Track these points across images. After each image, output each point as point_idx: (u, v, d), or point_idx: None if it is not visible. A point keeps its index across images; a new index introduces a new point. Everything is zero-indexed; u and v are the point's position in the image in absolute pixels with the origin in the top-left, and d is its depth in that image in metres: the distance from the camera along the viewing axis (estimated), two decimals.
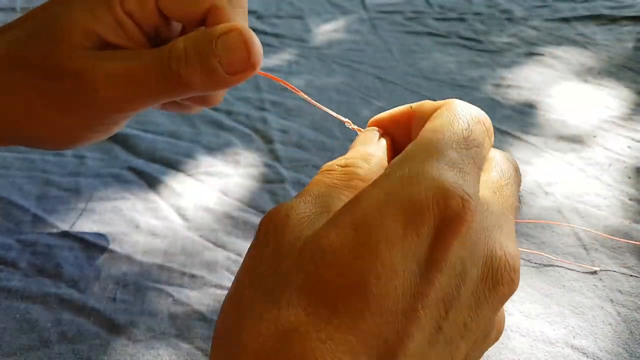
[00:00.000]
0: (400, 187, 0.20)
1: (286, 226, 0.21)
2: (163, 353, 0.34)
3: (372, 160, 0.26)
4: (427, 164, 0.21)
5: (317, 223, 0.21)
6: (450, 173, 0.21)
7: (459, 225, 0.20)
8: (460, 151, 0.22)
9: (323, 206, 0.23)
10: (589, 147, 0.58)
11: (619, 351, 0.36)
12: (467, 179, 0.21)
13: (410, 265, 0.19)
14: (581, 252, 0.44)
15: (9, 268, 0.39)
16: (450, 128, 0.23)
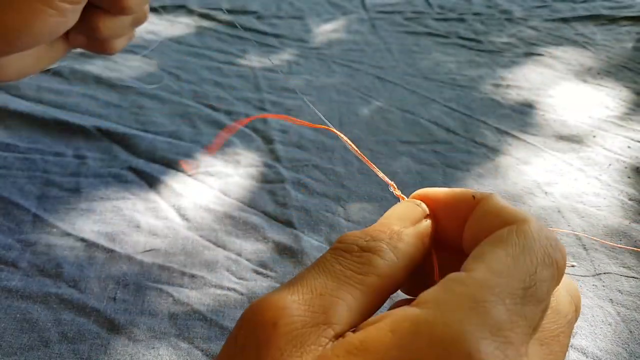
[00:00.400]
0: (426, 353, 0.16)
1: (269, 341, 0.18)
2: (163, 353, 0.34)
3: (400, 250, 0.21)
4: (466, 326, 0.17)
5: (309, 347, 0.18)
6: (489, 347, 0.17)
7: None
8: (514, 308, 0.18)
9: (322, 312, 0.19)
10: (588, 147, 0.58)
11: (619, 351, 0.36)
12: (508, 354, 0.17)
13: None
14: (581, 252, 0.44)
15: (10, 268, 0.39)
16: (511, 270, 0.19)
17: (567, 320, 0.20)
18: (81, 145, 0.54)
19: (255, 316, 0.18)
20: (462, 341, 0.16)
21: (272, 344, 0.18)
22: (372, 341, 0.17)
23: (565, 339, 0.20)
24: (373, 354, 0.17)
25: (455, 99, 0.68)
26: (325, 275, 0.20)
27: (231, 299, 0.38)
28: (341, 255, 0.20)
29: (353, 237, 0.21)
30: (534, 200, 0.50)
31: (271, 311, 0.18)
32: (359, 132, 0.60)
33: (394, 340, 0.17)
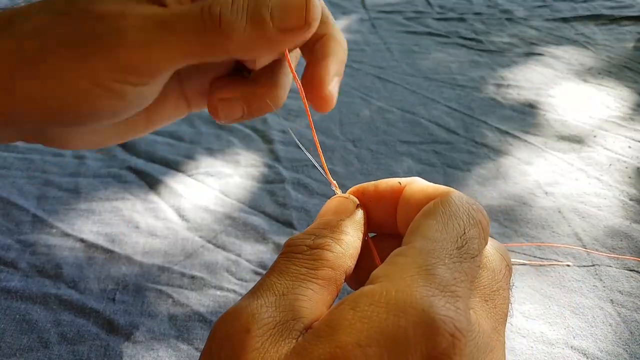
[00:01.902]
0: (385, 318, 0.18)
1: (245, 346, 0.19)
2: (163, 354, 0.34)
3: (344, 241, 0.23)
4: (416, 288, 0.18)
5: (282, 342, 0.19)
6: (440, 302, 0.18)
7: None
8: (453, 266, 0.20)
9: (288, 310, 0.20)
10: (589, 147, 0.58)
11: (619, 352, 0.36)
12: (459, 307, 0.19)
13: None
14: (581, 252, 0.44)
15: (9, 268, 0.39)
16: (444, 234, 0.21)
17: (503, 275, 0.22)
18: None
19: (227, 326, 0.19)
20: (415, 301, 0.18)
21: (249, 347, 0.19)
22: (336, 321, 0.18)
23: (505, 292, 0.22)
24: (339, 331, 0.18)
25: (456, 98, 0.68)
26: (283, 277, 0.21)
27: (231, 300, 0.38)
28: (293, 257, 0.22)
29: (300, 239, 0.23)
30: (534, 201, 0.50)
31: (242, 319, 0.19)
32: (359, 132, 0.60)
33: (355, 315, 0.18)
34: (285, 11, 0.25)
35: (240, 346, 0.19)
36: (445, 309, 0.18)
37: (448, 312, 0.18)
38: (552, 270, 0.42)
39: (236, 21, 0.24)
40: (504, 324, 0.21)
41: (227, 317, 0.20)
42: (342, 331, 0.18)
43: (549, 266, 0.42)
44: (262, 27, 0.24)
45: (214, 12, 0.24)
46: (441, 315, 0.18)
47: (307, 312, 0.20)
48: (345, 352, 0.17)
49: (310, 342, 0.18)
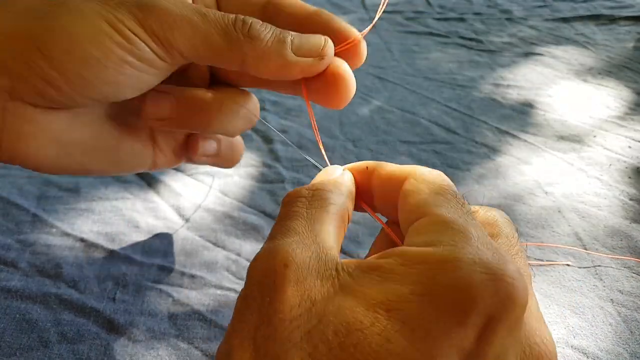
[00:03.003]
0: (442, 272, 0.18)
1: (286, 280, 0.19)
2: (163, 353, 0.34)
3: (340, 186, 0.25)
4: (462, 245, 0.19)
5: (323, 275, 0.19)
6: (489, 253, 0.19)
7: (511, 310, 0.18)
8: (472, 221, 0.21)
9: (316, 243, 0.21)
10: (589, 147, 0.58)
11: (619, 351, 0.36)
12: (504, 255, 0.19)
13: (453, 356, 0.17)
14: (581, 252, 0.44)
15: (9, 268, 0.39)
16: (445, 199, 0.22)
17: (516, 239, 0.24)
18: None
19: (264, 265, 0.20)
20: (466, 255, 0.19)
21: (291, 281, 0.19)
22: (386, 271, 0.19)
23: (523, 253, 0.24)
24: (391, 280, 0.19)
25: (456, 98, 0.68)
26: (296, 219, 0.22)
27: (231, 299, 0.38)
28: (297, 201, 0.23)
29: (297, 191, 0.24)
30: (534, 200, 0.50)
31: (278, 255, 0.20)
32: (359, 132, 0.60)
33: (407, 270, 0.19)
34: (305, 42, 0.27)
35: (282, 281, 0.19)
36: (495, 257, 0.19)
37: (500, 259, 0.19)
38: (552, 270, 0.42)
39: (262, 33, 0.26)
40: (530, 282, 0.23)
41: (262, 257, 0.20)
42: (396, 280, 0.19)
43: (549, 266, 0.42)
44: (282, 46, 0.26)
45: (246, 20, 0.26)
46: (494, 262, 0.19)
47: (332, 245, 0.21)
48: (402, 299, 0.18)
49: (364, 285, 0.19)
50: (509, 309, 0.18)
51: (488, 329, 0.18)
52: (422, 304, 0.18)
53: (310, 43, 0.27)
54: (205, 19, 0.25)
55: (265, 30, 0.26)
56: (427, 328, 0.17)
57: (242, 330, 0.19)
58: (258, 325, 0.19)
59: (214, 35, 0.25)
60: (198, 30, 0.25)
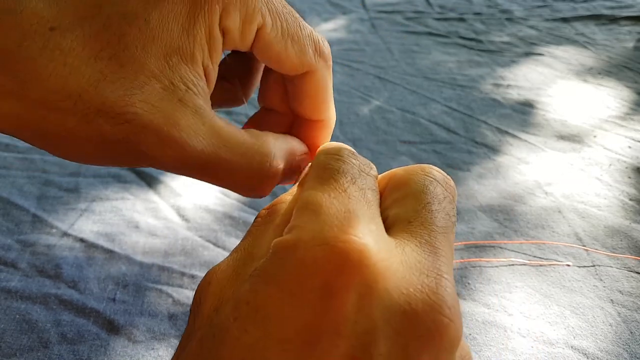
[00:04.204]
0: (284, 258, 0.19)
1: (208, 292, 0.20)
2: (163, 354, 0.34)
3: None
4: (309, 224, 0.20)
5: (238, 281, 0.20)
6: (335, 224, 0.19)
7: (349, 275, 0.18)
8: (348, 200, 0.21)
9: (249, 256, 0.21)
10: (589, 147, 0.58)
11: (619, 352, 0.36)
12: (351, 222, 0.20)
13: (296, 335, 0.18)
14: (581, 252, 0.44)
15: (9, 268, 0.39)
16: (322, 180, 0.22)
17: (429, 192, 0.22)
18: None
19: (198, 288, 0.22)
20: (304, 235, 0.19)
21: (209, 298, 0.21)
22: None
23: (436, 205, 0.22)
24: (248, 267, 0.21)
25: (456, 98, 0.68)
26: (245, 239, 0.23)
27: None
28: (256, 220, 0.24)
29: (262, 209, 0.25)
30: (534, 200, 0.50)
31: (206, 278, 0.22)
32: (359, 132, 0.60)
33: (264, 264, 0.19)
34: (292, 175, 0.28)
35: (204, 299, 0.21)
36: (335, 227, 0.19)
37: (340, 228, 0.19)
38: (552, 270, 0.42)
39: (266, 189, 0.26)
40: (438, 236, 0.21)
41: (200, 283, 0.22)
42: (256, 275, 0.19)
43: (549, 266, 0.42)
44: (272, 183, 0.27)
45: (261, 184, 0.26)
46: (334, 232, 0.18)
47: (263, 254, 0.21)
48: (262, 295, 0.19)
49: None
50: (345, 272, 0.17)
51: (334, 298, 0.17)
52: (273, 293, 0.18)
53: (296, 176, 0.28)
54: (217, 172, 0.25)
55: (271, 185, 0.26)
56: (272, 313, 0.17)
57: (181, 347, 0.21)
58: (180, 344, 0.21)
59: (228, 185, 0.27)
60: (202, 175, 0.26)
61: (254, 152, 0.25)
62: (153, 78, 0.22)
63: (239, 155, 0.24)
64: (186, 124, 0.23)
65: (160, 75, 0.22)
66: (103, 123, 0.22)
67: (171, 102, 0.22)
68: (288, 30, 0.26)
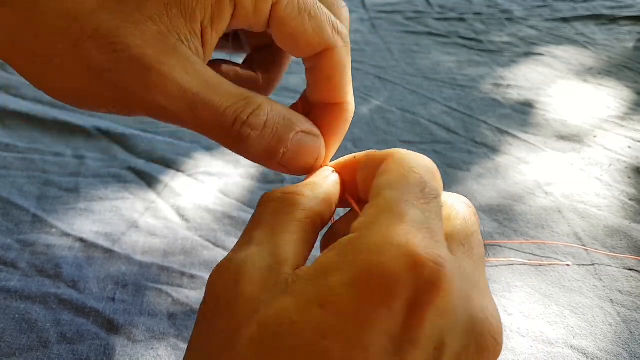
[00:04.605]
0: (368, 258, 0.18)
1: (238, 295, 0.20)
2: (162, 353, 0.34)
3: (317, 189, 0.24)
4: (393, 228, 0.19)
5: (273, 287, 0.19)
6: (419, 236, 0.19)
7: (435, 295, 0.18)
8: (422, 206, 0.21)
9: (271, 257, 0.21)
10: (589, 147, 0.58)
11: (619, 351, 0.36)
12: (438, 240, 0.20)
13: (384, 343, 0.18)
14: (581, 252, 0.44)
15: (9, 268, 0.39)
16: (405, 182, 0.22)
17: (473, 221, 0.24)
18: (80, 145, 0.54)
19: (218, 281, 0.21)
20: (393, 239, 0.19)
21: (242, 296, 0.19)
22: (323, 265, 0.19)
23: (478, 237, 0.23)
24: (327, 274, 0.19)
25: (456, 98, 0.68)
26: (261, 228, 0.22)
27: None
28: (267, 205, 0.23)
29: (269, 194, 0.24)
30: (534, 200, 0.50)
31: (229, 272, 0.20)
32: (359, 132, 0.60)
33: (339, 259, 0.19)
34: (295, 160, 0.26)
35: (235, 297, 0.20)
36: (424, 241, 0.19)
37: (428, 244, 0.19)
38: (552, 269, 0.42)
39: (256, 146, 0.25)
40: (483, 264, 0.23)
41: (216, 273, 0.21)
42: (330, 274, 0.19)
43: (549, 266, 0.42)
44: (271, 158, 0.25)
45: (243, 133, 0.24)
46: (421, 246, 0.19)
47: (289, 256, 0.21)
48: (334, 292, 0.18)
49: (302, 285, 0.19)
50: (432, 293, 0.18)
51: (414, 313, 0.18)
52: (351, 294, 0.18)
53: (298, 164, 0.26)
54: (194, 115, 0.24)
55: (259, 143, 0.25)
56: (358, 318, 0.18)
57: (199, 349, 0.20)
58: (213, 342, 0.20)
59: (197, 128, 0.25)
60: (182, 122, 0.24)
61: (238, 97, 0.24)
62: (149, 20, 0.22)
63: (224, 97, 0.24)
64: (174, 64, 0.23)
65: (157, 19, 0.23)
66: (92, 49, 0.22)
67: (162, 44, 0.23)
68: (305, 7, 0.25)
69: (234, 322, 0.19)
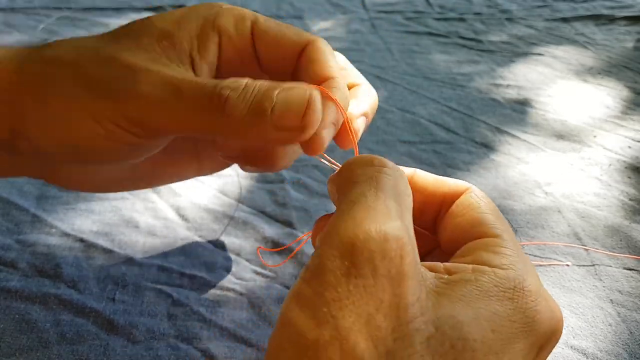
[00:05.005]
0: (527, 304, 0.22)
1: (406, 277, 0.19)
2: (162, 353, 0.34)
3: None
4: (529, 276, 0.24)
5: (420, 277, 0.20)
6: (538, 283, 0.25)
7: (554, 343, 0.24)
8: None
9: (411, 237, 0.21)
10: (588, 147, 0.58)
11: (619, 351, 0.36)
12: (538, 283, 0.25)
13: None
14: (581, 252, 0.44)
15: (9, 268, 0.39)
16: (506, 226, 0.26)
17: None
18: None
19: (382, 249, 0.19)
20: (534, 287, 0.23)
21: (408, 277, 0.19)
22: (481, 284, 0.21)
23: None
24: (487, 291, 0.21)
25: (456, 98, 0.68)
26: (391, 200, 0.22)
27: (230, 299, 0.38)
28: (385, 175, 0.23)
29: (380, 160, 0.24)
30: (534, 200, 0.50)
31: (395, 244, 0.20)
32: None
33: (499, 291, 0.21)
34: (285, 110, 0.25)
35: (402, 275, 0.19)
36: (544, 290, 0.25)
37: (547, 295, 0.25)
38: (552, 269, 0.42)
39: (239, 108, 0.25)
40: None
41: (378, 239, 0.20)
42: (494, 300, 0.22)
43: (549, 266, 0.42)
44: (260, 121, 0.25)
45: (222, 94, 0.25)
46: (551, 300, 0.25)
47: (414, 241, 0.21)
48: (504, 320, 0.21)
49: (464, 298, 0.21)
50: (553, 340, 0.24)
51: (539, 355, 0.22)
52: (519, 330, 0.21)
53: (291, 112, 0.25)
54: (180, 98, 0.25)
55: (242, 103, 0.25)
56: (521, 351, 0.20)
57: (351, 313, 0.18)
58: (373, 314, 0.18)
59: (188, 114, 0.26)
60: (172, 112, 0.26)
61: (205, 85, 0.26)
62: (143, 49, 0.27)
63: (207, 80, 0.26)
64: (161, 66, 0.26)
65: (149, 48, 0.27)
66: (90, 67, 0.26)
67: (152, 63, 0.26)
68: (282, 22, 0.29)
69: (407, 300, 0.19)
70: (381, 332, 0.18)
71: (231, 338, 0.35)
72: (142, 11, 0.89)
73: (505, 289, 0.21)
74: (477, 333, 0.19)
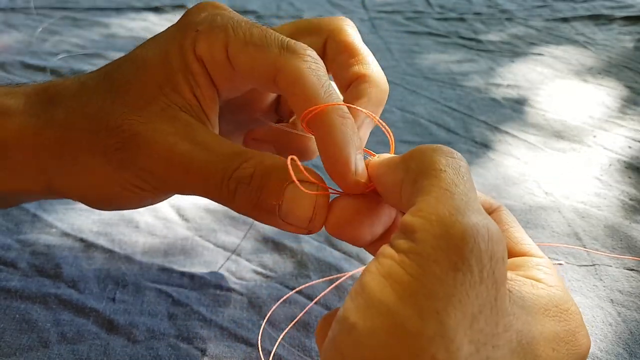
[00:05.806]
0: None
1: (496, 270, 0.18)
2: (162, 353, 0.34)
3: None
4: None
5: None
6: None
7: None
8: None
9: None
10: (588, 147, 0.58)
11: (619, 351, 0.36)
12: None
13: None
14: (581, 252, 0.44)
15: (9, 268, 0.39)
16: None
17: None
18: None
19: (486, 246, 0.18)
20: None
21: (504, 281, 0.19)
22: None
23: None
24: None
25: (456, 98, 0.68)
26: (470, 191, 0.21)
27: (231, 299, 0.38)
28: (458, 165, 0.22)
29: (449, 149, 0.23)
30: (534, 200, 0.50)
31: (502, 244, 0.19)
32: None
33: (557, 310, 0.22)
34: (293, 211, 0.26)
35: (502, 274, 0.19)
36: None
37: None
38: None
39: (247, 203, 0.26)
40: None
41: (481, 232, 0.19)
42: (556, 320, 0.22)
43: None
44: (267, 214, 0.26)
45: (230, 188, 0.26)
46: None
47: None
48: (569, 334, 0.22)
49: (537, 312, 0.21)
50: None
51: None
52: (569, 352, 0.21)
53: (296, 215, 0.26)
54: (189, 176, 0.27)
55: (248, 199, 0.26)
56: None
57: (456, 311, 0.17)
58: (477, 316, 0.18)
59: (200, 192, 0.28)
60: (186, 186, 0.28)
61: (228, 156, 0.27)
62: (150, 102, 0.28)
63: (216, 157, 0.27)
64: (170, 131, 0.27)
65: (156, 100, 0.28)
66: (105, 137, 0.28)
67: (163, 118, 0.27)
68: (251, 39, 0.28)
69: (505, 303, 0.19)
70: (483, 337, 0.18)
71: (231, 338, 0.35)
72: (142, 11, 0.89)
73: (561, 310, 0.21)
74: (544, 351, 0.20)
